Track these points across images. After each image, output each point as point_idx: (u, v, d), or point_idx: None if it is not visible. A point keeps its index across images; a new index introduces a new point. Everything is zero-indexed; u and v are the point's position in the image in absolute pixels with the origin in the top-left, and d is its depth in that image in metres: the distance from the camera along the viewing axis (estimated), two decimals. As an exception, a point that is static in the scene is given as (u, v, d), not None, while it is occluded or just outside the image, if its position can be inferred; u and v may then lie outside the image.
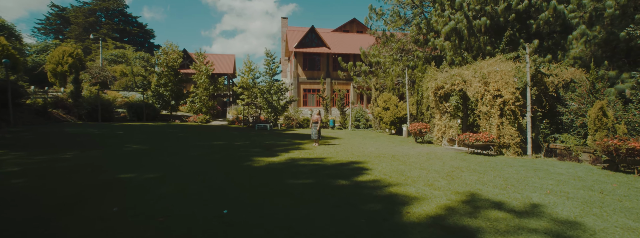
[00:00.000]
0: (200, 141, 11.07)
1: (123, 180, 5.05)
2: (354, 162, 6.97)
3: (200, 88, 23.27)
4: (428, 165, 6.75)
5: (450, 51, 16.66)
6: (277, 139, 12.39)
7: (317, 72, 29.05)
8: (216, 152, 8.39)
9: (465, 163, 6.95)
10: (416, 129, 11.56)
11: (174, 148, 9.12)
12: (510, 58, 10.41)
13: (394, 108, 15.29)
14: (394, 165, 6.62)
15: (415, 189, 4.54)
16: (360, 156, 7.97)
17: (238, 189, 4.56)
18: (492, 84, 8.56)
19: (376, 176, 5.50)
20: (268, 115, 21.34)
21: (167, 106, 23.40)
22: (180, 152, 8.28)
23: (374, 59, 18.59)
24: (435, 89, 10.91)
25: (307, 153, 8.33)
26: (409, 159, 7.54)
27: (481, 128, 9.36)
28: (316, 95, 29.08)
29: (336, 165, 6.57)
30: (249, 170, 5.97)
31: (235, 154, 8.11)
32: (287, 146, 9.92)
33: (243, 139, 11.92)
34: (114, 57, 45.03)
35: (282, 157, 7.61)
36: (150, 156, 7.48)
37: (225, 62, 33.01)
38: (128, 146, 9.26)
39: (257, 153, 8.37)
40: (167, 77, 22.87)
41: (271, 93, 21.17)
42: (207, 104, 23.43)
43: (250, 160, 7.14)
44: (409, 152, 8.89)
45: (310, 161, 7.11)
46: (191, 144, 9.96)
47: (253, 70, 22.06)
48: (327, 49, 28.89)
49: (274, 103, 21.02)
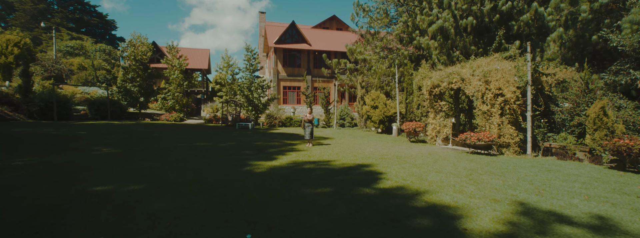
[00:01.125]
0: (180, 142, 9.97)
1: (99, 193, 4.10)
2: (362, 165, 6.44)
3: (172, 84, 21.59)
4: (439, 167, 6.39)
5: (436, 50, 16.73)
6: (264, 139, 11.56)
7: (298, 69, 28.27)
8: (203, 155, 7.47)
9: (475, 164, 6.69)
10: (411, 129, 11.31)
11: (153, 150, 8.03)
12: (506, 57, 10.44)
13: (382, 107, 15.02)
14: (405, 168, 6.18)
15: (449, 197, 4.09)
16: (363, 157, 7.46)
17: (251, 203, 3.83)
18: (494, 83, 8.44)
19: (397, 182, 5.00)
20: (249, 113, 20.28)
21: (135, 104, 21.46)
22: (162, 155, 7.26)
23: (361, 57, 18.23)
24: (431, 87, 10.70)
25: (306, 156, 7.68)
26: (415, 160, 7.16)
27: (479, 127, 9.26)
28: (297, 93, 28.31)
29: (346, 169, 6.00)
30: (251, 177, 5.22)
31: (227, 157, 7.25)
32: (280, 148, 9.18)
33: (228, 140, 10.96)
34: (70, 49, 40.89)
35: (282, 160, 6.89)
36: (127, 162, 6.42)
37: (199, 57, 31.10)
38: (97, 149, 8.02)
39: (250, 155, 7.57)
40: (135, 71, 20.94)
41: (252, 89, 20.13)
42: (180, 101, 21.81)
43: (248, 165, 6.36)
44: (409, 152, 8.55)
45: (315, 164, 6.47)
46: (171, 146, 8.88)
47: (232, 66, 20.83)
48: (307, 45, 28.18)
49: (255, 101, 20.01)
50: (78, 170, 5.48)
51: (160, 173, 5.44)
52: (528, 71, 8.21)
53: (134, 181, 4.81)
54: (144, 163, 6.27)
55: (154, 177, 5.10)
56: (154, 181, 4.80)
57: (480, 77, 8.76)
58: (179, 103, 21.75)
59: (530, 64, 8.22)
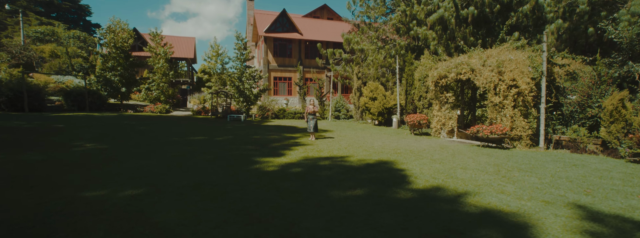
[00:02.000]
0: (171, 135, 9.16)
1: (90, 201, 3.41)
2: (381, 162, 5.96)
3: (157, 74, 20.28)
4: (461, 162, 6.01)
5: (434, 41, 16.35)
6: (262, 132, 10.90)
7: (289, 59, 27.36)
8: (202, 151, 6.77)
9: (496, 159, 6.36)
10: (415, 121, 10.94)
11: (144, 146, 7.24)
12: (517, 47, 10.12)
13: (382, 98, 14.59)
14: (427, 164, 5.76)
15: (497, 200, 3.67)
16: (376, 152, 6.99)
17: (277, 211, 3.26)
18: (508, 74, 8.10)
19: (428, 180, 4.55)
20: (240, 105, 19.41)
21: (116, 94, 20.07)
22: (155, 152, 6.51)
23: (358, 47, 17.61)
24: (438, 78, 10.30)
25: (315, 151, 7.13)
26: (432, 155, 6.76)
27: (488, 119, 8.98)
28: (288, 84, 27.49)
29: (366, 166, 5.50)
30: (264, 177, 4.63)
31: (229, 153, 6.59)
32: (283, 142, 8.57)
33: (223, 133, 10.23)
34: (40, 35, 37.87)
35: (291, 156, 6.31)
36: (117, 160, 5.66)
37: (184, 46, 29.51)
38: (78, 144, 7.15)
39: (254, 151, 6.94)
40: (116, 60, 19.47)
41: (243, 80, 19.21)
42: (166, 92, 20.58)
43: (255, 162, 5.74)
44: (420, 146, 8.16)
45: (330, 161, 5.94)
46: (163, 141, 8.10)
47: (221, 54, 19.74)
48: (299, 35, 27.24)
49: (247, 92, 19.13)
50: (59, 171, 4.71)
51: (158, 173, 4.75)
52: (543, 61, 7.91)
53: (130, 184, 4.12)
54: (137, 162, 5.54)
55: (153, 179, 4.42)
56: (153, 185, 4.13)
57: (493, 67, 8.40)
58: (164, 94, 20.52)
59: (546, 54, 7.91)
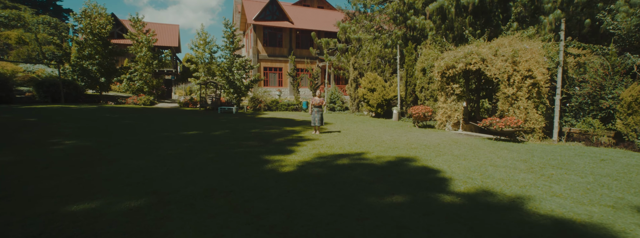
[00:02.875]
0: (162, 130, 8.35)
1: (79, 217, 2.73)
2: (403, 159, 5.49)
3: (140, 63, 18.93)
4: (485, 158, 5.63)
5: (432, 31, 15.92)
6: (259, 126, 10.22)
7: (280, 49, 26.36)
8: (201, 148, 6.08)
9: (519, 154, 6.03)
10: (420, 113, 10.55)
11: (133, 143, 6.45)
12: (526, 37, 9.78)
13: (381, 89, 14.12)
14: (452, 161, 5.34)
15: (558, 205, 3.25)
16: (391, 147, 6.52)
17: (319, 226, 2.70)
18: (523, 64, 7.75)
19: (466, 182, 4.11)
20: (230, 96, 18.49)
21: (94, 85, 18.62)
22: (148, 150, 5.76)
23: (354, 36, 16.95)
24: (445, 68, 9.87)
25: (325, 146, 6.57)
26: (451, 150, 6.36)
27: (499, 111, 8.68)
28: (278, 74, 26.58)
29: (389, 165, 5.01)
30: (283, 181, 4.04)
31: (232, 151, 5.94)
32: (286, 137, 7.96)
33: (218, 127, 9.48)
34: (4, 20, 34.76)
35: (302, 154, 5.73)
36: (105, 160, 4.90)
37: (167, 34, 27.81)
38: (56, 142, 6.27)
39: (259, 148, 6.31)
40: (93, 47, 17.96)
41: (233, 70, 18.23)
42: (150, 82, 19.31)
43: (265, 161, 5.13)
44: (432, 140, 7.77)
45: (349, 159, 5.40)
46: (154, 136, 7.31)
47: (209, 43, 18.59)
48: (290, 23, 26.20)
49: (237, 83, 18.21)
50: (36, 176, 3.94)
51: (157, 177, 4.07)
52: (560, 50, 7.60)
53: (126, 192, 3.44)
54: (129, 162, 4.80)
55: (152, 184, 3.74)
56: (155, 192, 3.46)
57: (507, 57, 8.03)
58: (148, 85, 19.26)
59: (563, 42, 7.59)
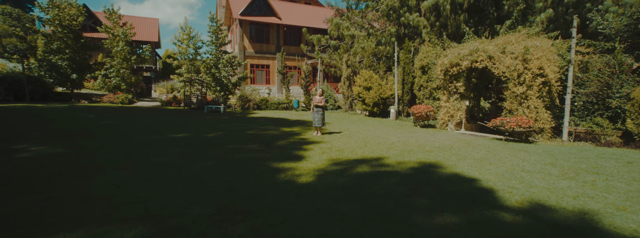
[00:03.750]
0: (146, 132, 7.46)
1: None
2: (426, 164, 5.00)
3: (116, 58, 17.52)
4: (509, 162, 5.26)
5: (426, 29, 15.69)
6: (254, 126, 9.48)
7: (267, 46, 25.46)
8: (196, 155, 5.33)
9: (541, 157, 5.71)
10: (423, 112, 10.19)
11: (115, 148, 5.59)
12: (533, 34, 9.60)
13: (377, 88, 13.69)
14: (478, 166, 4.92)
15: (634, 223, 2.85)
16: (406, 150, 6.04)
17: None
18: (534, 62, 7.50)
19: (513, 193, 3.67)
20: (216, 95, 17.51)
21: (64, 82, 17.06)
22: (134, 157, 4.96)
23: (348, 32, 16.41)
24: (449, 66, 9.54)
25: (335, 150, 6.00)
26: (470, 153, 5.96)
27: (506, 110, 8.44)
28: (266, 72, 25.69)
29: (416, 172, 4.50)
30: (304, 195, 3.43)
31: (233, 157, 5.24)
32: (287, 139, 7.31)
33: (210, 128, 8.67)
34: (-40, 11, 31.56)
35: (314, 160, 5.12)
36: (84, 171, 4.08)
37: (146, 28, 26.15)
38: (21, 148, 5.32)
39: (262, 152, 5.63)
40: (63, 41, 16.40)
41: (219, 67, 17.25)
42: (128, 79, 17.95)
43: (275, 169, 4.49)
44: (441, 141, 7.37)
45: (368, 165, 4.85)
46: (139, 140, 6.45)
47: (194, 38, 17.48)
48: (277, 19, 25.34)
49: (224, 80, 17.25)
50: (-6, 197, 3.11)
51: (152, 194, 3.34)
52: (572, 48, 7.40)
53: (116, 219, 2.71)
54: (114, 175, 4.01)
55: (149, 205, 3.02)
56: (153, 218, 2.75)
57: (518, 55, 7.76)
58: (126, 82, 17.88)
59: (575, 40, 7.40)
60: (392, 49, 17.22)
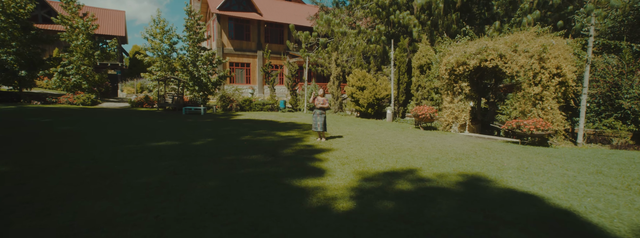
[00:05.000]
0: (119, 140, 6.15)
1: None
2: (469, 177, 4.29)
3: (76, 53, 15.44)
4: (557, 172, 4.71)
5: (417, 27, 15.33)
6: (245, 131, 8.39)
7: (247, 43, 24.07)
8: (190, 170, 4.24)
9: (579, 164, 5.25)
10: (426, 114, 9.63)
11: (82, 164, 4.34)
12: (542, 32, 9.31)
13: (372, 88, 13.03)
14: (528, 178, 4.30)
15: None
16: (431, 158, 5.33)
17: None
18: (551, 61, 7.13)
19: (604, 217, 3.02)
20: (195, 95, 16.01)
21: (10, 79, 14.76)
22: (109, 176, 3.78)
23: (338, 29, 15.62)
24: (455, 65, 9.04)
25: (352, 160, 5.15)
26: (500, 160, 5.38)
27: (517, 112, 8.06)
28: (246, 70, 24.29)
29: (466, 189, 3.77)
30: (361, 229, 2.55)
31: (239, 173, 4.21)
32: (291, 146, 6.35)
33: (196, 134, 7.47)
34: None
35: (339, 174, 4.23)
36: (37, 201, 2.89)
37: (111, 21, 23.68)
38: (-57, 169, 3.92)
39: (271, 165, 4.65)
40: (8, 32, 14.12)
41: (197, 65, 15.79)
42: (91, 77, 15.91)
43: (299, 190, 3.55)
44: (457, 145, 6.79)
45: (406, 181, 4.04)
46: (111, 151, 5.18)
47: (168, 32, 15.84)
48: (258, 15, 24.03)
49: (203, 79, 15.81)
50: None
51: (148, 234, 2.29)
52: (589, 46, 7.12)
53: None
54: (84, 207, 2.87)
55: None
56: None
57: (533, 53, 7.37)
58: (88, 80, 15.83)
59: (592, 38, 7.12)
60: (382, 47, 16.71)
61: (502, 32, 13.92)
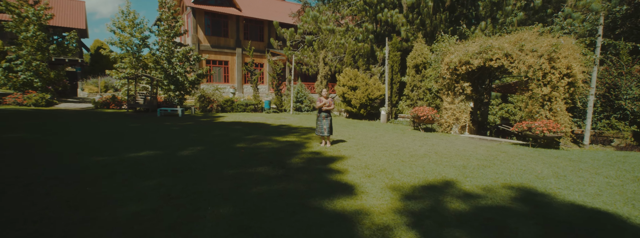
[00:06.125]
0: (88, 151, 5.02)
1: None
2: (516, 189, 3.79)
3: (26, 47, 13.45)
4: (602, 181, 4.36)
5: (405, 26, 15.08)
6: (236, 135, 7.45)
7: (225, 40, 22.70)
8: (189, 192, 3.34)
9: (609, 169, 4.98)
10: (428, 115, 9.22)
11: (36, 184, 3.28)
12: (546, 31, 9.19)
13: (364, 87, 12.50)
14: (578, 190, 3.89)
15: None
16: (458, 167, 4.81)
17: None
18: (562, 61, 6.95)
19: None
20: (170, 94, 14.60)
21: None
22: (81, 202, 2.80)
23: (326, 27, 14.93)
24: (458, 64, 8.71)
25: (373, 169, 4.49)
26: (530, 166, 4.98)
27: (525, 113, 7.86)
28: (224, 68, 22.91)
29: (524, 206, 3.24)
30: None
31: (248, 191, 3.39)
32: (297, 154, 5.57)
33: (180, 140, 6.44)
34: None
35: (371, 191, 3.55)
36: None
37: (69, 12, 21.20)
38: None
39: (284, 180, 3.86)
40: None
41: (173, 62, 14.40)
42: (45, 74, 13.95)
43: (338, 218, 2.82)
44: (469, 148, 6.39)
45: (451, 198, 3.44)
46: (77, 167, 4.10)
47: (139, 25, 14.28)
48: (237, 10, 22.74)
49: (179, 77, 14.45)
50: None
51: None
52: (597, 46, 7.02)
53: None
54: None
55: None
56: None
57: (542, 53, 7.15)
58: (41, 78, 13.86)
59: (601, 38, 7.02)
60: (370, 46, 16.28)
61: (486, 33, 14.01)
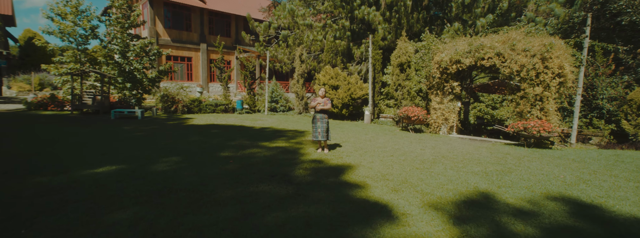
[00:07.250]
0: (26, 168, 3.76)
1: None
2: (557, 199, 3.42)
3: None
4: (628, 186, 4.21)
5: (383, 24, 14.87)
6: (216, 141, 6.42)
7: (188, 34, 20.82)
8: (178, 225, 2.43)
9: (618, 171, 4.92)
10: (419, 116, 8.91)
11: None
12: (533, 32, 9.31)
13: (346, 87, 11.95)
14: (614, 195, 3.64)
15: None
16: (475, 173, 4.41)
17: None
18: (554, 61, 6.96)
19: None
20: (125, 93, 12.79)
21: None
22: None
23: (303, 22, 14.11)
24: (449, 63, 8.50)
25: (397, 183, 3.89)
26: (547, 172, 4.75)
27: (514, 113, 7.85)
28: (187, 65, 21.01)
29: (587, 226, 2.84)
30: None
31: (264, 222, 2.56)
32: (298, 163, 4.79)
33: (147, 150, 5.29)
34: None
35: (414, 213, 2.92)
36: None
37: (-9, -6, 17.83)
38: None
39: (304, 204, 3.09)
40: None
41: (128, 56, 12.62)
42: (-39, 69, 11.35)
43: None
44: (476, 152, 6.12)
45: (502, 215, 2.93)
46: (11, 191, 2.93)
47: (85, 13, 12.25)
48: (201, 2, 20.95)
49: (137, 74, 12.71)
50: None
51: None
52: (584, 47, 7.14)
53: None
54: None
55: None
56: None
57: (535, 52, 7.13)
58: (-44, 73, 11.24)
59: (588, 39, 7.16)
60: (347, 44, 15.82)
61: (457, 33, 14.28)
